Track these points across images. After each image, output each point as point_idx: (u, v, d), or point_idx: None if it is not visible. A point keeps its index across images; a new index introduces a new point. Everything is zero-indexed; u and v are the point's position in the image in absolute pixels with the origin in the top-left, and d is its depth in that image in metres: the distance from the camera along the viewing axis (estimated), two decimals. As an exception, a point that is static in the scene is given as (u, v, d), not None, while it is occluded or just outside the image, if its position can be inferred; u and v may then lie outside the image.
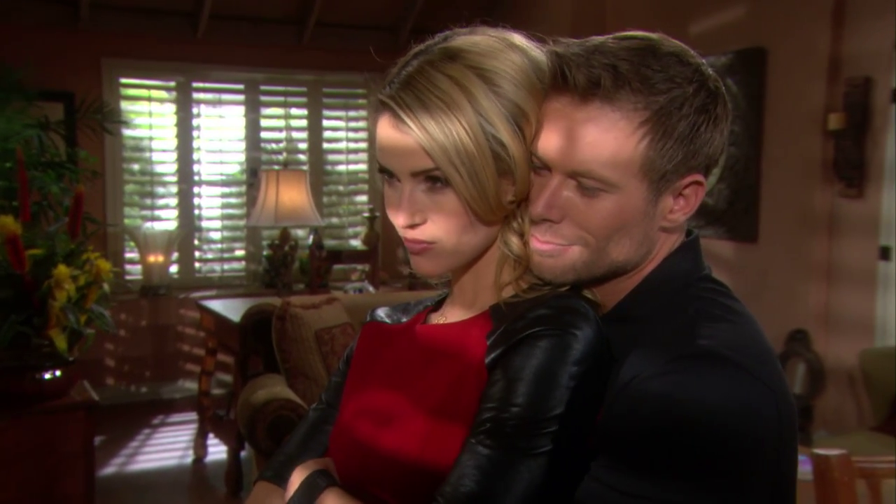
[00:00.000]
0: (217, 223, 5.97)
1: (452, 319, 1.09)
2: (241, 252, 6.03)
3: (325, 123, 6.16)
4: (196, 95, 5.80)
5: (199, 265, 5.93)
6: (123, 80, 5.59)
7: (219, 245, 6.00)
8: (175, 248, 5.72)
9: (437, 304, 1.16)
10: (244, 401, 2.97)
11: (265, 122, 6.04)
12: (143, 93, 5.72)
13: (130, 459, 4.53)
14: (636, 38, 0.97)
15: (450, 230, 0.99)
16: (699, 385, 0.88)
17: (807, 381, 4.12)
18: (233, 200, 5.97)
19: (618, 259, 1.00)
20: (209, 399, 4.47)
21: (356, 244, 6.07)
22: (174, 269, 5.79)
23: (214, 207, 5.94)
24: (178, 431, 4.99)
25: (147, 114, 5.76)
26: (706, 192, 1.03)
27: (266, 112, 6.05)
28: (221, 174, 5.94)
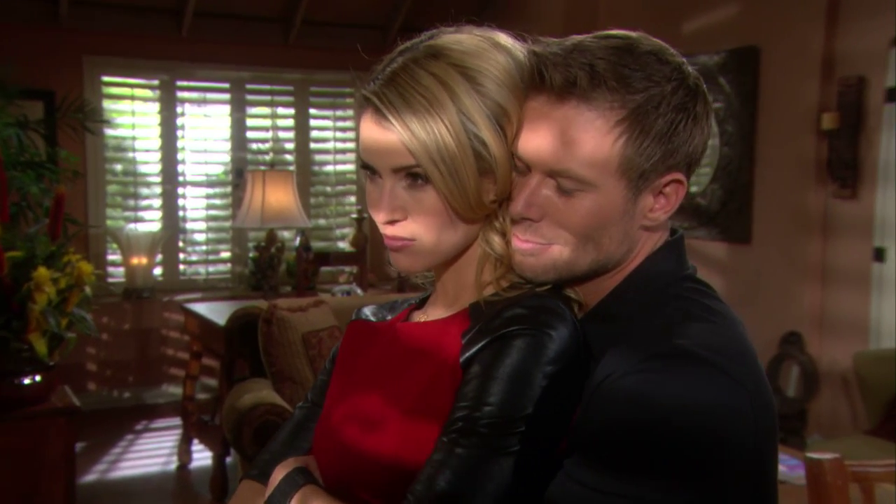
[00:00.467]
0: (202, 224, 5.89)
1: (433, 318, 1.10)
2: (227, 254, 5.96)
3: (313, 123, 6.11)
4: (180, 94, 5.72)
5: (184, 267, 5.86)
6: (105, 79, 5.50)
7: (204, 247, 5.93)
8: (159, 250, 5.64)
9: (422, 303, 1.18)
10: (230, 406, 2.95)
11: (251, 122, 5.97)
12: (126, 91, 5.64)
13: (113, 466, 4.47)
14: (615, 37, 0.98)
15: (429, 227, 1.00)
16: (672, 383, 0.88)
17: (800, 384, 4.12)
18: (218, 201, 5.90)
19: (598, 258, 1.01)
20: (194, 404, 4.43)
21: (344, 246, 6.03)
22: (158, 272, 5.71)
23: (199, 208, 5.86)
24: (162, 437, 4.93)
25: (130, 113, 5.68)
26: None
27: (252, 111, 5.99)
28: (206, 174, 5.87)
